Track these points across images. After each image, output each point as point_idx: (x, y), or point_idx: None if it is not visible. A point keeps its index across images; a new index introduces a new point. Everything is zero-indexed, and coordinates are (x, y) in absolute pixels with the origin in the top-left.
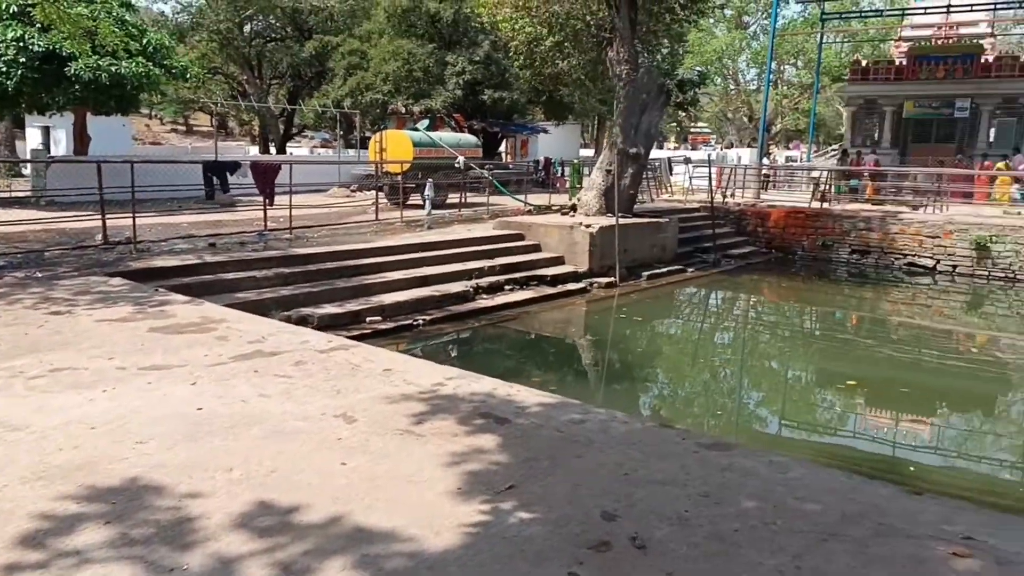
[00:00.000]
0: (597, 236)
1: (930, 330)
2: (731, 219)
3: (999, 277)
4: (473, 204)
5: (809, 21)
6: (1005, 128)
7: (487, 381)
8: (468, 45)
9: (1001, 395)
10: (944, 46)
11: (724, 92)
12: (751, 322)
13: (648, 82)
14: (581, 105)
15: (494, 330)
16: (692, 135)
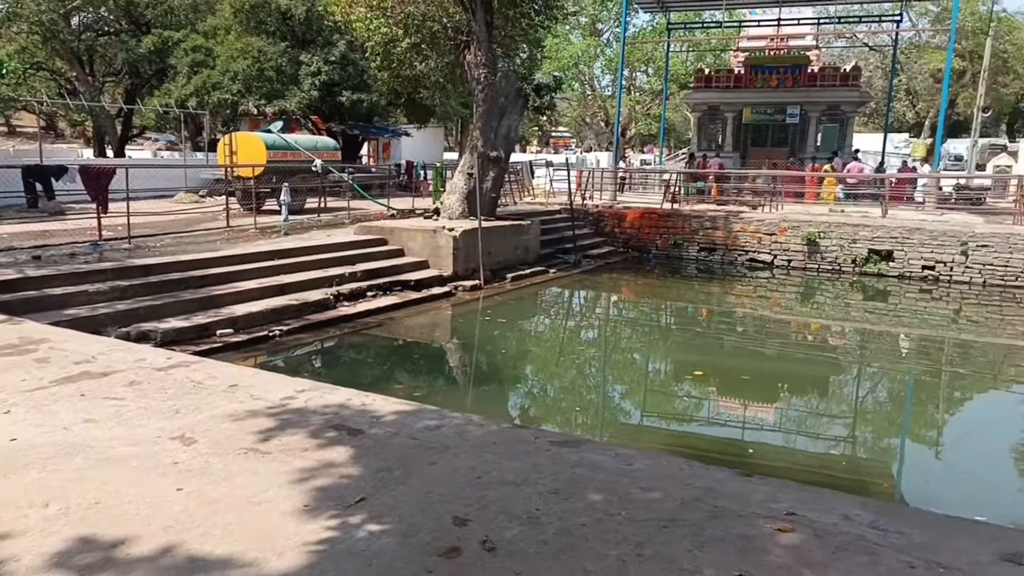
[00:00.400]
0: (460, 239)
1: (769, 320)
2: (590, 220)
3: (827, 269)
4: (333, 209)
5: (657, 30)
6: (830, 133)
7: (342, 392)
8: (323, 45)
9: (829, 377)
10: (776, 57)
11: (582, 97)
12: (610, 319)
13: (506, 86)
14: (443, 108)
15: (357, 338)
16: (553, 139)
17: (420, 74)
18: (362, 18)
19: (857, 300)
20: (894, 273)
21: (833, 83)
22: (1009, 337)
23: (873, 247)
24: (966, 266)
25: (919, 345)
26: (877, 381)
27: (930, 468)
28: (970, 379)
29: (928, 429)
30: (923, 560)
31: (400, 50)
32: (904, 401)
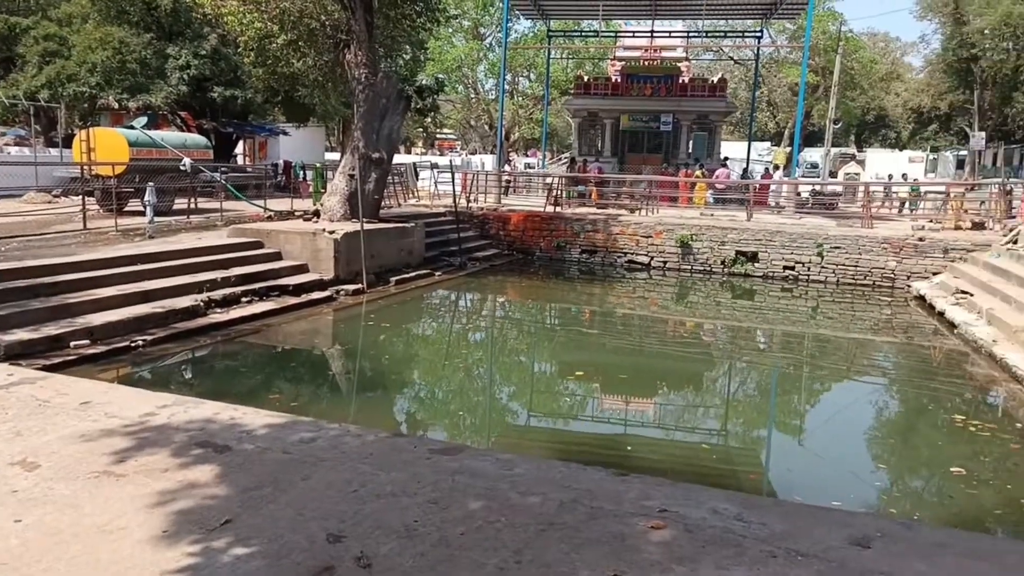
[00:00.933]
0: (342, 242)
1: (647, 319)
2: (475, 223)
3: (699, 270)
4: (204, 210)
5: (538, 37)
6: (700, 140)
7: (209, 406)
8: (193, 37)
9: (702, 372)
10: (650, 67)
11: (466, 100)
12: (495, 321)
13: (388, 87)
14: (323, 107)
15: (230, 346)
16: (438, 141)
17: (298, 72)
18: (234, 12)
19: (727, 299)
20: (759, 273)
21: (702, 94)
22: (860, 332)
23: (740, 249)
24: (822, 266)
25: (782, 340)
26: (745, 375)
27: (793, 456)
28: (827, 371)
29: (790, 419)
30: (783, 549)
31: (276, 47)
32: (769, 394)
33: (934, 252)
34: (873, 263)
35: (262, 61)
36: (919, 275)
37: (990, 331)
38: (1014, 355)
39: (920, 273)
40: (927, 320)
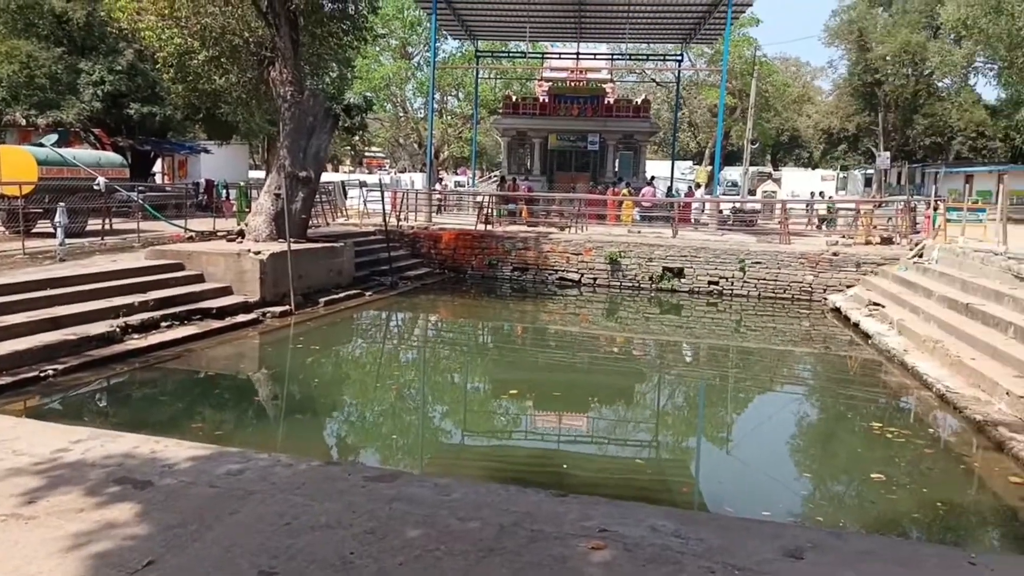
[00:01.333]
0: (268, 263)
1: (578, 336)
2: (406, 242)
3: (628, 286)
4: (121, 231)
5: (466, 57)
6: (626, 159)
7: (128, 439)
8: (107, 52)
9: (633, 387)
10: (576, 87)
11: (395, 118)
12: (427, 341)
13: (314, 105)
14: (247, 124)
15: (149, 374)
16: (367, 159)
17: (220, 89)
18: (152, 27)
19: (655, 314)
20: (685, 288)
21: (627, 114)
22: (781, 344)
23: (667, 265)
24: (744, 281)
25: (708, 354)
26: (674, 389)
27: (722, 468)
28: (751, 383)
29: (719, 431)
30: (721, 563)
31: (197, 63)
32: (697, 406)
33: (847, 266)
34: (792, 277)
35: (182, 77)
36: (834, 288)
37: (901, 341)
38: (924, 364)
39: (835, 286)
40: (843, 331)
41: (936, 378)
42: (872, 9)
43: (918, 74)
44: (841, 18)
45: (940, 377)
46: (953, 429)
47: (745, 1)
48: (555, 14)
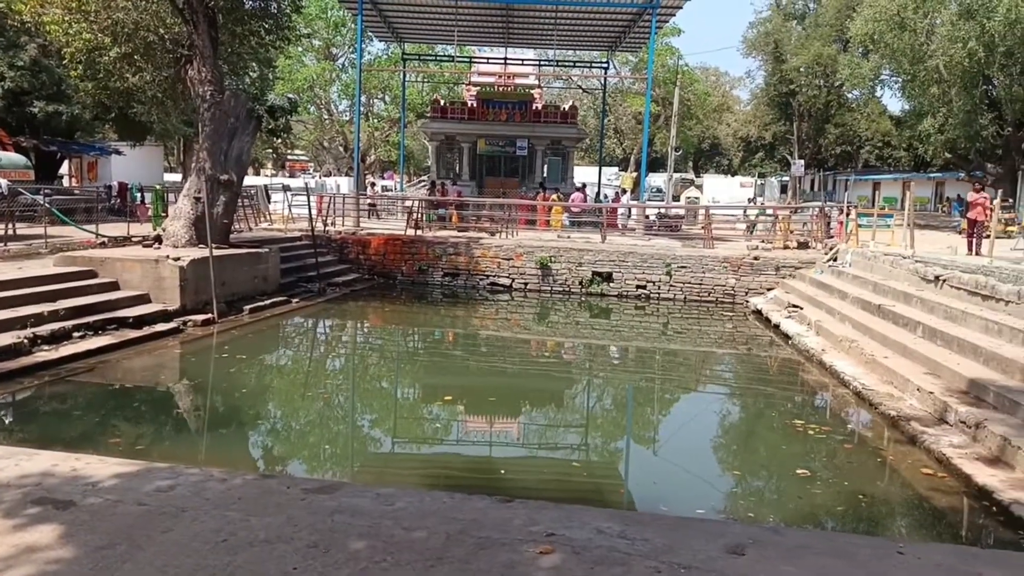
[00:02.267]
0: (188, 269)
1: (511, 340)
2: (334, 247)
3: (559, 291)
4: (26, 237)
5: (392, 59)
6: (555, 165)
7: (45, 456)
8: (7, 47)
9: (567, 390)
10: (504, 92)
11: (319, 121)
12: (358, 348)
13: (236, 106)
14: (162, 125)
15: (62, 387)
16: (290, 162)
17: (133, 87)
18: (58, 20)
19: (585, 318)
20: (614, 293)
21: (555, 120)
22: (706, 345)
23: (596, 269)
24: (670, 284)
25: (637, 356)
26: (604, 391)
27: (654, 469)
28: (679, 383)
29: (649, 432)
30: (667, 563)
31: (108, 60)
32: (627, 408)
33: (767, 270)
34: (715, 281)
35: (91, 75)
36: (755, 291)
37: (819, 341)
38: (841, 362)
39: (756, 289)
40: (764, 332)
41: (852, 376)
42: (787, 22)
43: (829, 85)
44: (758, 30)
45: (856, 375)
46: (869, 425)
47: (668, 12)
48: (483, 19)
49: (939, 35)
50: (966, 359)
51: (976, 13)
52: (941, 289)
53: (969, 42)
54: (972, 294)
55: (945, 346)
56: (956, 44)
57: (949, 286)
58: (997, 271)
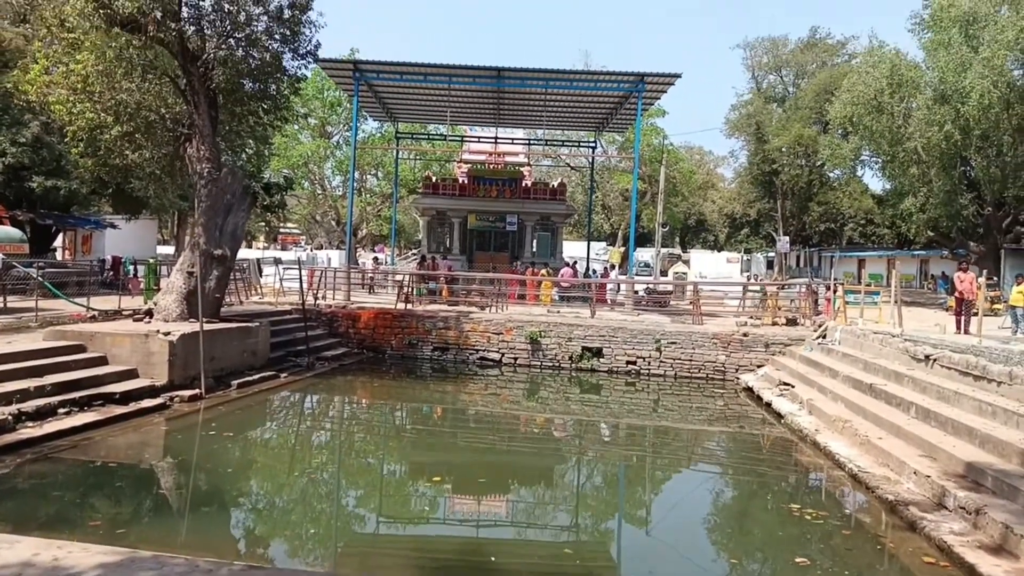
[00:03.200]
0: (178, 344)
1: (500, 416)
2: (324, 321)
3: (548, 365)
4: (17, 310)
5: (386, 137)
6: (544, 240)
7: (26, 544)
8: (11, 124)
9: (555, 467)
10: (495, 170)
11: (312, 195)
12: (345, 425)
13: (232, 182)
14: (158, 200)
15: (45, 465)
16: (282, 235)
17: (132, 164)
18: (62, 100)
19: (575, 394)
20: (604, 368)
21: (544, 197)
22: (698, 423)
23: (586, 344)
24: (660, 360)
25: (628, 433)
26: (595, 470)
27: (648, 552)
28: (670, 462)
29: (641, 512)
30: None
31: (109, 138)
32: (619, 487)
33: (757, 346)
34: (705, 357)
35: (92, 152)
36: (746, 368)
37: (812, 420)
38: (835, 443)
39: (747, 366)
40: (756, 410)
41: (847, 457)
42: (767, 105)
43: (811, 165)
44: (739, 112)
45: (851, 456)
46: (867, 509)
47: (653, 95)
48: (475, 100)
49: (916, 118)
50: (961, 441)
51: (950, 98)
52: (932, 368)
53: (945, 125)
54: (963, 374)
55: (939, 427)
56: (933, 127)
57: (940, 366)
58: (987, 351)
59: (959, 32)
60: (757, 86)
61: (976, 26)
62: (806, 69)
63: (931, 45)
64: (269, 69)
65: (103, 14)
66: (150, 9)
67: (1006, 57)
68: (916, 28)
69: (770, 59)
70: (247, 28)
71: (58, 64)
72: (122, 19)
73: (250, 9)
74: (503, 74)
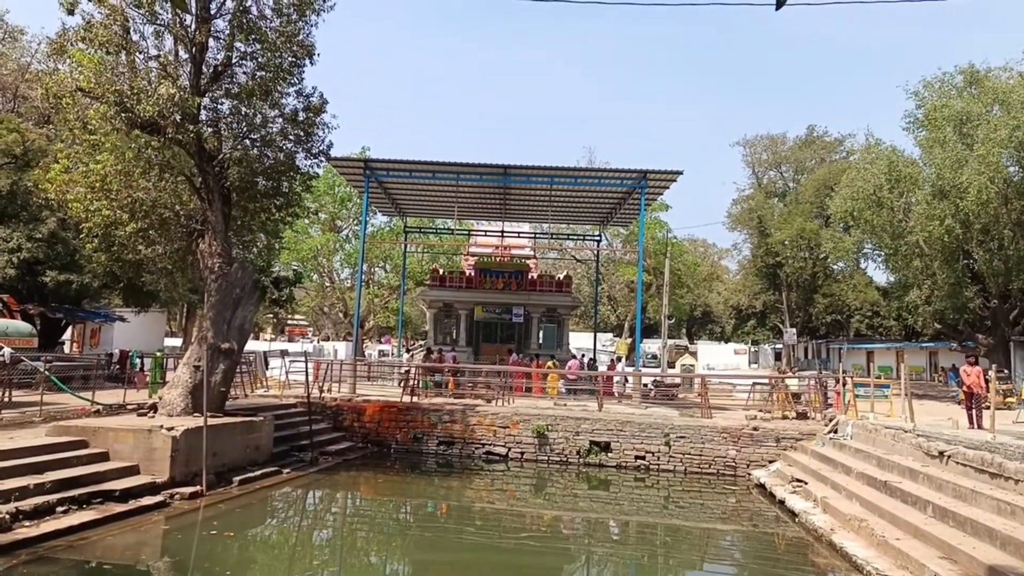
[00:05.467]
0: (181, 439)
1: (505, 513)
2: (329, 414)
3: (556, 460)
4: (21, 404)
5: (394, 231)
6: (550, 332)
7: None
8: (29, 220)
9: (563, 568)
10: (501, 263)
11: (320, 288)
12: (348, 523)
13: (243, 276)
14: (168, 293)
15: (41, 567)
16: (289, 327)
17: (145, 259)
18: (80, 198)
19: (583, 490)
20: (612, 463)
21: (550, 289)
22: (709, 521)
23: (593, 439)
24: (670, 455)
25: (638, 531)
26: (604, 569)
27: None
28: (682, 562)
29: None
30: None
31: (124, 234)
32: None
33: (768, 441)
34: (715, 452)
35: (106, 247)
36: (757, 463)
37: (827, 519)
38: (851, 544)
39: (758, 461)
40: (769, 508)
41: (865, 559)
42: (768, 199)
43: (814, 257)
44: (741, 206)
45: (868, 558)
46: None
47: (656, 191)
48: (482, 196)
49: (916, 213)
50: (981, 542)
51: (949, 193)
52: (947, 465)
53: (946, 219)
54: (979, 471)
55: (958, 527)
56: (933, 221)
57: (955, 462)
58: (1002, 447)
59: (953, 131)
60: (758, 181)
61: (970, 124)
62: (805, 165)
63: (926, 143)
64: (283, 168)
65: (125, 118)
66: (170, 113)
67: (1001, 154)
68: (911, 127)
69: (769, 156)
70: (263, 130)
71: (78, 164)
72: (143, 122)
73: (266, 112)
74: (509, 171)
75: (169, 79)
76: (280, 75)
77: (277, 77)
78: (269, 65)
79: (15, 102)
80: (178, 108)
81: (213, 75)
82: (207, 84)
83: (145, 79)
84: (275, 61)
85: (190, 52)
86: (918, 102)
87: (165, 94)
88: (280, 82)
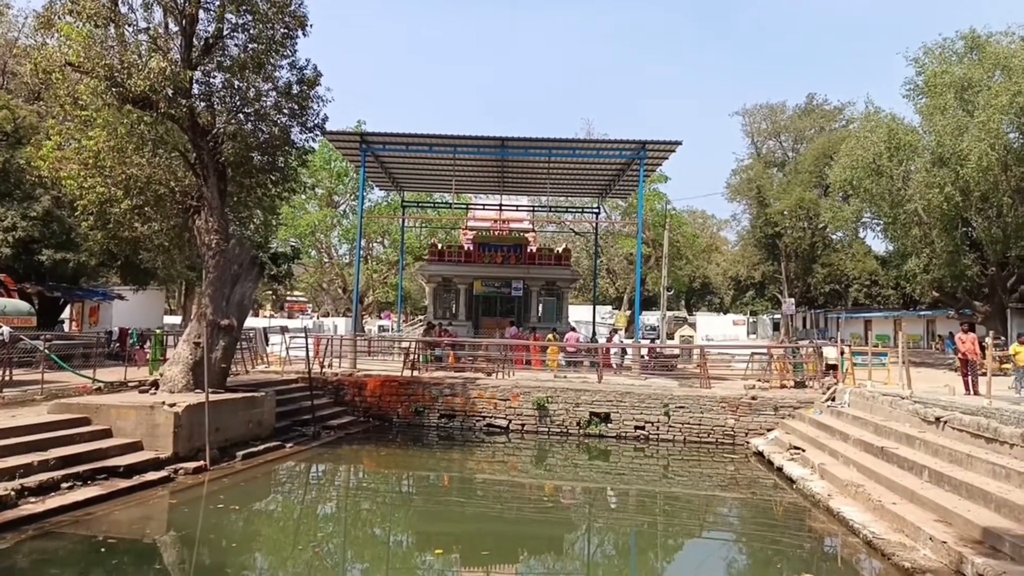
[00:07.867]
0: (183, 415)
1: (507, 484)
2: (330, 389)
3: (556, 432)
4: (22, 383)
5: (392, 206)
6: (549, 305)
7: None
8: (23, 199)
9: (564, 537)
10: (500, 236)
11: (319, 264)
12: (351, 496)
13: (240, 253)
14: (166, 271)
15: (46, 542)
16: (289, 303)
17: (141, 236)
18: (74, 176)
19: (584, 460)
20: (612, 433)
21: (549, 262)
22: (709, 488)
23: (593, 410)
24: (669, 425)
25: (638, 500)
26: (605, 538)
27: None
28: (682, 529)
29: None
30: None
31: (119, 211)
32: (629, 557)
33: (766, 410)
34: (714, 421)
35: (102, 225)
36: (755, 432)
37: (824, 485)
38: (848, 508)
39: (756, 430)
40: (767, 475)
41: (861, 523)
42: (767, 169)
43: (813, 227)
44: (740, 177)
45: (865, 522)
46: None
47: (655, 162)
48: (479, 169)
49: (915, 181)
50: (976, 505)
51: (949, 161)
52: (943, 431)
53: (945, 187)
54: (975, 436)
55: (953, 491)
56: (933, 189)
57: (951, 428)
58: (998, 412)
59: (954, 97)
60: (757, 151)
61: (970, 91)
62: (804, 134)
63: (927, 110)
64: (277, 142)
65: (116, 92)
66: (162, 87)
67: (1001, 120)
68: (911, 94)
69: (768, 125)
70: (256, 103)
71: (70, 140)
72: (134, 97)
73: (259, 85)
74: (507, 143)
75: (160, 52)
76: (272, 47)
77: (269, 49)
78: (261, 37)
79: (4, 78)
80: (170, 82)
81: (204, 48)
82: (198, 57)
83: (135, 53)
84: (267, 33)
85: (180, 24)
86: (918, 69)
87: (156, 68)
88: (273, 54)
